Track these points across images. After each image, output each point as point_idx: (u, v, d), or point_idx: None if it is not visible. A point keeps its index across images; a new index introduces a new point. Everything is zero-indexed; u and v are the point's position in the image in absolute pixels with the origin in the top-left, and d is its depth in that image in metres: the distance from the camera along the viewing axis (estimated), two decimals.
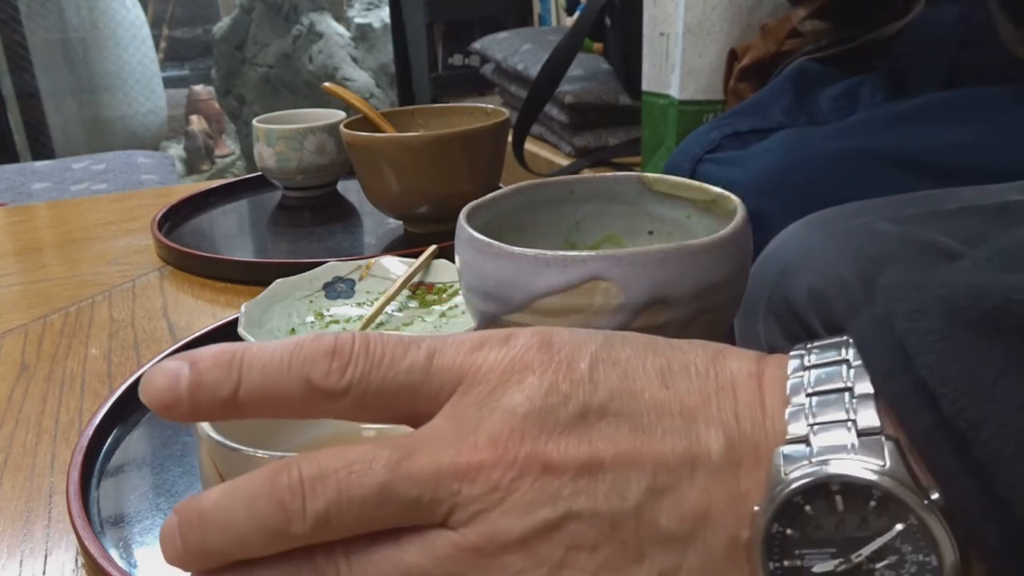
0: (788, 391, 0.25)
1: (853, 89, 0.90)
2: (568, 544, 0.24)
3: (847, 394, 0.24)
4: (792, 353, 0.27)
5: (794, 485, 0.23)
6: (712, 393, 0.26)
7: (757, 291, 0.63)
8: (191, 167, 3.88)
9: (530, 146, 1.54)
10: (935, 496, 0.23)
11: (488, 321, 0.43)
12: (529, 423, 0.24)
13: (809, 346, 0.27)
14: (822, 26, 0.99)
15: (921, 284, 0.25)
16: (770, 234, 0.73)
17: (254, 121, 0.93)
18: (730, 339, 0.63)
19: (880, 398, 0.24)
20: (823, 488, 0.23)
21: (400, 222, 0.82)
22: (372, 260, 0.63)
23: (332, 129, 0.91)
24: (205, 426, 0.32)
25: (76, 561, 0.40)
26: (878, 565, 0.23)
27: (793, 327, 0.61)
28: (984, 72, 0.79)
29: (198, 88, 4.03)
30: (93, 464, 0.45)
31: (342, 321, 0.58)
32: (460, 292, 0.57)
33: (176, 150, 3.92)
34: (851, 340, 0.26)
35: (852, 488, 0.23)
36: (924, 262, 0.59)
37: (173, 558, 0.25)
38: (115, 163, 1.57)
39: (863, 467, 0.23)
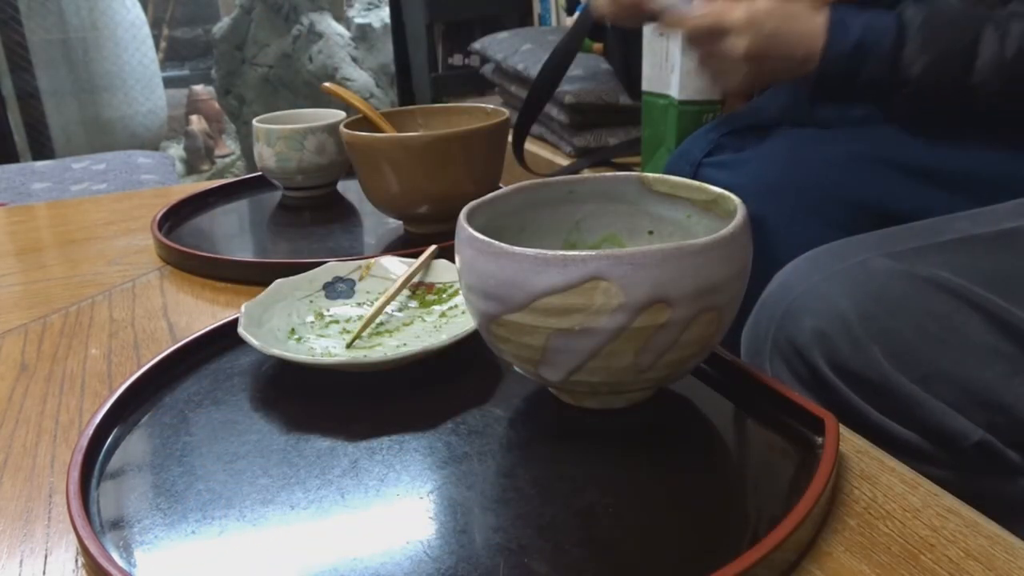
0: None
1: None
2: None
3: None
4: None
5: None
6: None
7: (762, 333, 0.64)
8: (191, 167, 3.88)
9: (530, 146, 1.54)
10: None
11: (488, 321, 0.43)
12: None
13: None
14: None
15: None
16: (770, 237, 0.73)
17: (254, 121, 0.93)
18: (729, 339, 0.63)
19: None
20: None
21: (400, 222, 0.82)
22: (372, 260, 0.63)
23: (332, 129, 0.91)
24: None
25: (76, 561, 0.40)
26: None
27: (799, 368, 0.61)
28: None
29: (198, 88, 4.03)
30: (93, 464, 0.45)
31: (342, 321, 0.58)
32: (460, 292, 0.57)
33: (176, 150, 3.92)
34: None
35: None
36: (923, 299, 0.59)
37: None
38: (115, 163, 1.57)
39: None
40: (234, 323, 0.55)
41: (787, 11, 0.74)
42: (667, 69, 1.18)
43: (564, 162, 1.46)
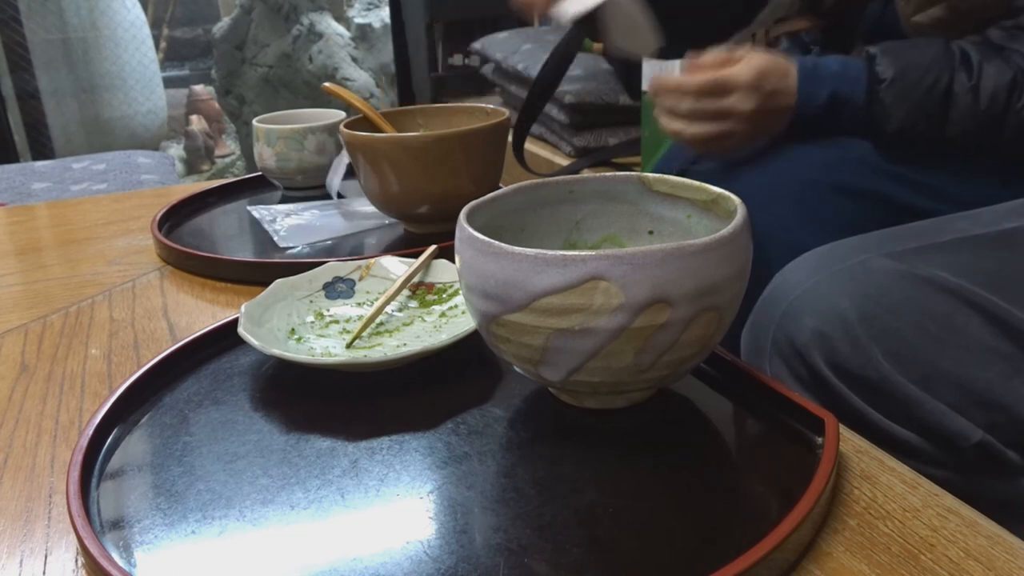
0: None
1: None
2: None
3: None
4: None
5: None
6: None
7: (761, 333, 0.64)
8: (191, 167, 3.88)
9: (530, 146, 1.54)
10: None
11: (488, 321, 0.43)
12: None
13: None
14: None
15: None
16: (769, 238, 0.73)
17: (254, 121, 0.93)
18: (729, 339, 0.63)
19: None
20: None
21: (400, 222, 0.82)
22: (372, 260, 0.63)
23: (332, 129, 0.91)
24: None
25: (76, 561, 0.40)
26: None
27: (799, 368, 0.61)
28: None
29: (198, 88, 4.02)
30: (93, 464, 0.45)
31: (342, 321, 0.58)
32: (460, 292, 0.57)
33: (176, 150, 3.92)
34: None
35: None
36: (923, 299, 0.59)
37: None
38: (115, 163, 1.57)
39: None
40: (234, 323, 0.55)
41: (781, 66, 0.73)
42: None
43: (564, 162, 1.46)
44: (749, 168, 0.79)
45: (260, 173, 0.97)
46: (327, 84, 0.85)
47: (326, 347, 0.54)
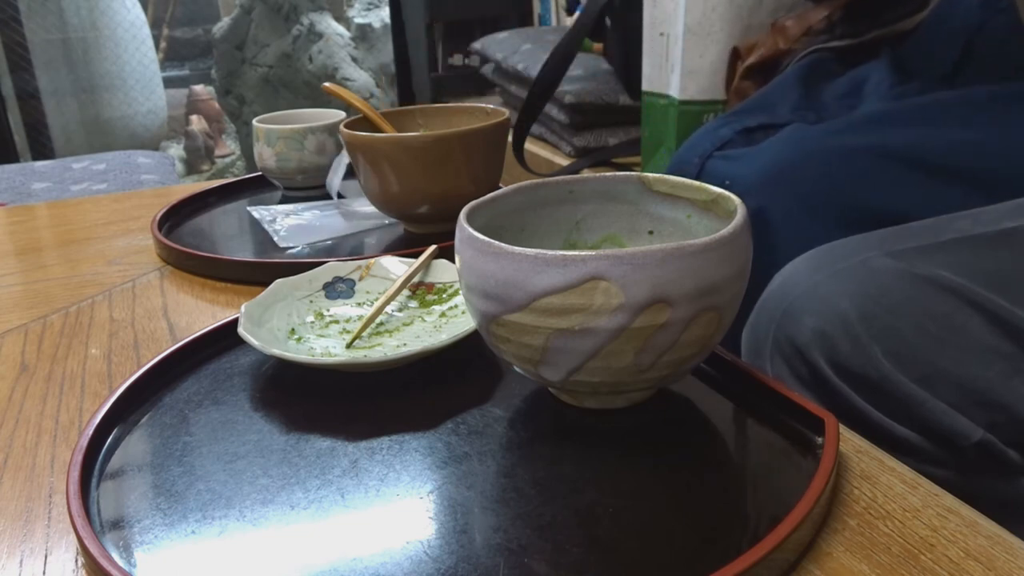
0: None
1: (859, 82, 0.90)
2: None
3: None
4: None
5: None
6: None
7: (762, 332, 0.64)
8: (191, 167, 3.88)
9: (530, 146, 1.54)
10: None
11: (488, 321, 0.43)
12: None
13: None
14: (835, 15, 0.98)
15: None
16: (772, 232, 0.73)
17: (254, 121, 0.93)
18: (729, 339, 0.63)
19: None
20: None
21: (400, 222, 0.82)
22: (372, 260, 0.63)
23: (332, 129, 0.91)
24: None
25: (76, 561, 0.40)
26: None
27: (800, 367, 0.61)
28: (996, 60, 0.79)
29: (198, 88, 4.03)
30: (93, 464, 0.45)
31: (342, 321, 0.58)
32: (460, 292, 0.57)
33: (176, 150, 3.92)
34: None
35: None
36: (924, 299, 0.59)
37: None
38: (115, 163, 1.57)
39: None
40: (234, 323, 0.55)
41: None
42: (667, 69, 1.18)
43: (564, 162, 1.46)
44: (760, 157, 0.78)
45: (260, 173, 0.97)
46: (327, 84, 0.85)
47: (326, 347, 0.54)
